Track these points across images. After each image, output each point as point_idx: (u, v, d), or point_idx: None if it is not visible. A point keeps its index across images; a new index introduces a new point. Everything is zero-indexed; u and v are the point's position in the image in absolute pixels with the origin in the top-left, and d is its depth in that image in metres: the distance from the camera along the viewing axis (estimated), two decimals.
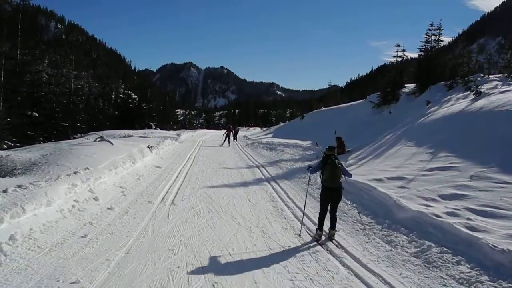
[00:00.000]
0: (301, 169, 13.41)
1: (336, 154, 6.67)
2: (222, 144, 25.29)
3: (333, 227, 6.37)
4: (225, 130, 28.88)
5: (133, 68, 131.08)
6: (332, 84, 60.74)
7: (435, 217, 6.09)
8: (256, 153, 20.00)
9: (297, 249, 5.83)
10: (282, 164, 14.87)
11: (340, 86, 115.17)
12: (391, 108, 20.71)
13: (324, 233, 6.41)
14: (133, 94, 49.38)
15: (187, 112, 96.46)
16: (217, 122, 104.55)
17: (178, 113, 79.00)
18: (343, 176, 6.50)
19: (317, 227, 6.40)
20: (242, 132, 49.43)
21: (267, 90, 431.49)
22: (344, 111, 26.96)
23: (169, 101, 65.07)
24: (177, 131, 37.80)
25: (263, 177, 12.31)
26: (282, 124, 44.81)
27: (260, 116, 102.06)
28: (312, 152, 17.23)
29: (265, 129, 49.77)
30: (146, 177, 11.04)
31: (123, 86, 61.35)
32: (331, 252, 5.74)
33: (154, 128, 41.11)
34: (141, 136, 24.37)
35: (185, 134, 31.87)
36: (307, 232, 6.62)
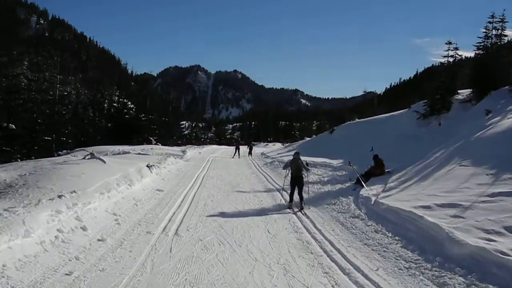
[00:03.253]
0: (331, 193, 13.34)
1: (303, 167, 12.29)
2: (233, 156, 32.35)
3: (301, 201, 11.68)
4: (234, 145, 35.75)
5: (129, 71, 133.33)
6: (368, 90, 60.65)
7: (501, 255, 5.92)
8: (276, 173, 20.01)
9: None
10: (308, 188, 14.75)
11: (378, 93, 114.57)
12: (441, 119, 20.48)
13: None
14: (129, 103, 50.41)
15: (193, 125, 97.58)
16: (229, 136, 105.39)
17: (183, 126, 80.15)
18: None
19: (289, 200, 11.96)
20: (259, 149, 49.64)
21: (289, 98, 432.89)
22: (383, 123, 26.81)
23: (173, 112, 66.36)
24: (182, 147, 38.19)
25: (285, 202, 12.32)
26: (308, 139, 44.89)
27: (281, 129, 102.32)
28: (344, 173, 17.12)
29: (286, 145, 49.90)
30: (144, 202, 11.17)
31: (117, 93, 62.56)
32: None
33: (155, 144, 41.72)
34: (139, 153, 24.72)
35: (192, 151, 32.18)
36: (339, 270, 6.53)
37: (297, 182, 11.95)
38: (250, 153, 35.80)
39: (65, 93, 44.68)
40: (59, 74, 40.56)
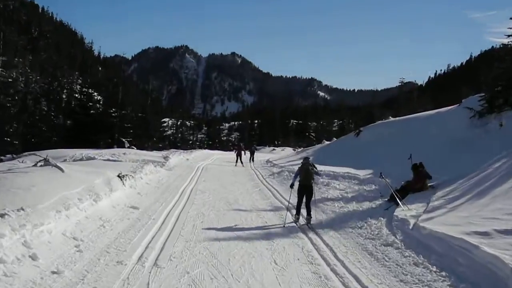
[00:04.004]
0: (356, 213, 13.32)
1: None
2: (236, 164, 33.45)
3: (308, 213, 12.76)
4: (235, 150, 36.61)
5: (96, 53, 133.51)
6: (406, 80, 60.12)
7: None
8: (286, 188, 20.00)
9: None
10: (327, 206, 14.93)
11: (419, 83, 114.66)
12: (503, 119, 20.40)
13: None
14: (95, 94, 50.64)
15: (179, 123, 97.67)
16: (225, 138, 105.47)
17: (165, 125, 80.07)
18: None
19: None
20: (264, 155, 49.73)
21: (303, 90, 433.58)
22: (424, 123, 26.74)
23: (152, 106, 66.30)
24: (164, 152, 38.24)
25: (296, 225, 12.35)
26: (327, 143, 44.82)
27: (292, 130, 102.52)
28: (373, 187, 17.08)
29: (299, 150, 49.95)
30: (115, 222, 11.19)
31: (80, 81, 62.78)
32: None
33: (129, 147, 41.78)
34: (108, 160, 24.73)
35: (177, 157, 32.23)
36: None
37: (306, 191, 13.03)
38: (251, 159, 35.86)
39: (10, 80, 43.89)
40: (1, 54, 40.29)
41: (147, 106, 62.45)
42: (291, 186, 13.83)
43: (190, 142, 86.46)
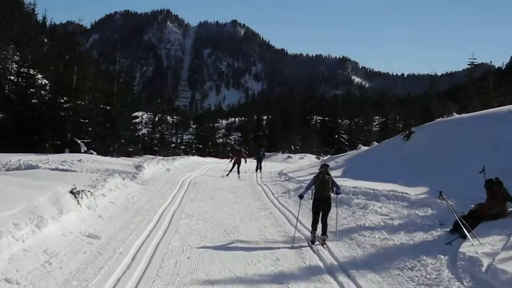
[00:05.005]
0: (405, 248, 13.28)
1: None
2: (228, 174, 33.56)
3: (323, 233, 14.39)
4: (233, 157, 37.27)
5: (40, 19, 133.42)
6: (477, 62, 59.67)
7: None
8: (307, 210, 19.90)
9: None
10: (364, 237, 14.92)
11: (496, 66, 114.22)
12: None
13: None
14: (39, 76, 50.49)
15: (157, 119, 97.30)
16: (221, 140, 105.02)
17: (138, 121, 79.93)
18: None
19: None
20: (276, 164, 49.76)
21: (331, 73, 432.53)
22: (504, 122, 26.65)
23: (120, 94, 66.00)
24: (136, 160, 38.25)
25: (321, 265, 12.31)
26: (364, 148, 44.75)
27: (315, 129, 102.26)
28: (430, 211, 17.09)
29: (325, 158, 50.01)
30: (66, 258, 11.17)
31: (17, 58, 62.65)
32: None
33: (87, 152, 41.79)
34: (56, 169, 24.75)
35: (153, 167, 32.23)
36: None
37: (322, 205, 14.58)
38: (258, 169, 35.98)
39: None
40: None
41: (113, 95, 62.24)
42: (300, 196, 15.22)
43: (173, 145, 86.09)
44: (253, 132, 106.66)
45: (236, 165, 35.09)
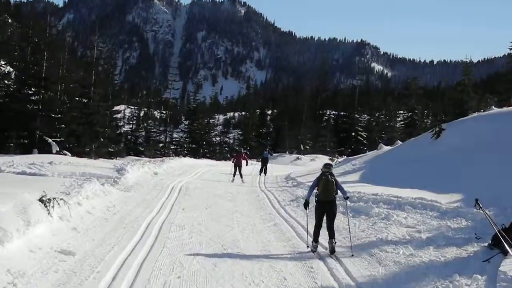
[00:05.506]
0: (435, 266, 13.26)
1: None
2: (233, 179, 35.81)
3: (331, 236, 15.08)
4: (233, 159, 39.12)
5: None
6: None
7: None
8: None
9: None
10: (386, 253, 14.89)
11: None
12: None
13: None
14: (1, 61, 50.51)
15: (142, 114, 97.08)
16: (218, 138, 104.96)
17: (119, 116, 79.94)
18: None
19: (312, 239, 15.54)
20: (282, 167, 49.77)
21: (348, 60, 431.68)
22: None
23: (98, 85, 65.96)
24: (118, 162, 38.27)
25: (336, 286, 12.31)
26: (386, 148, 44.75)
27: (328, 126, 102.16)
28: (464, 223, 17.10)
29: (340, 160, 49.98)
30: (34, 279, 11.12)
31: None
32: None
33: (59, 153, 41.80)
34: (23, 173, 24.73)
35: (138, 170, 32.28)
36: None
37: (326, 209, 15.46)
38: (263, 171, 36.18)
39: None
40: None
41: (89, 85, 62.22)
42: (305, 205, 16.40)
43: (161, 145, 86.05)
44: (255, 129, 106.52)
45: (237, 168, 35.82)
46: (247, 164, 36.49)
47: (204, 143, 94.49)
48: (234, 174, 36.05)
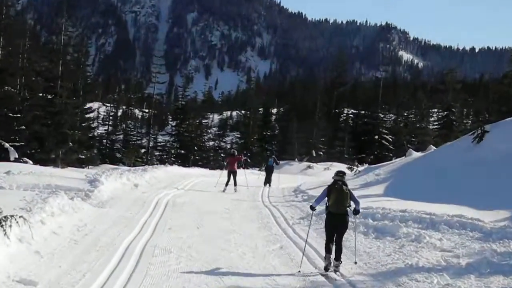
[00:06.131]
0: None
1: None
2: (225, 189, 35.95)
3: (337, 258, 15.75)
4: (227, 161, 39.73)
5: None
6: None
7: None
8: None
9: None
10: (417, 283, 14.85)
11: None
12: None
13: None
14: None
15: (120, 113, 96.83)
16: (212, 143, 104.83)
17: (93, 115, 79.86)
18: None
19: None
20: (291, 177, 49.79)
21: (369, 47, 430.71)
22: None
23: (68, 78, 66.00)
24: (90, 170, 38.34)
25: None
26: (416, 155, 44.77)
27: (346, 128, 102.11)
28: None
29: (361, 169, 50.00)
30: None
31: None
32: None
33: (18, 160, 41.88)
34: None
35: (115, 181, 32.27)
36: None
37: (338, 222, 16.09)
38: (267, 182, 36.34)
39: None
40: None
41: (56, 78, 62.18)
42: (312, 208, 17.37)
43: (143, 150, 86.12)
44: (258, 132, 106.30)
45: (232, 175, 35.93)
46: (244, 167, 36.27)
47: (195, 148, 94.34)
48: (227, 183, 35.98)
